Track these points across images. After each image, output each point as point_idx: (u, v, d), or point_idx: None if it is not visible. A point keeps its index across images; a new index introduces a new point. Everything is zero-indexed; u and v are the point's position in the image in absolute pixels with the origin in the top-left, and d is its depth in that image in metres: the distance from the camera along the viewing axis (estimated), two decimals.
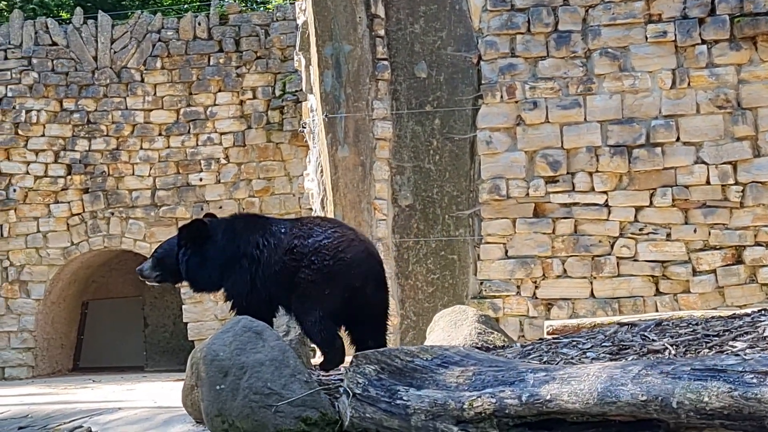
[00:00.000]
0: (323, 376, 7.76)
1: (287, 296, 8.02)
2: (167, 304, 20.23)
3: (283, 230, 8.14)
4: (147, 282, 8.63)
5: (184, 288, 17.52)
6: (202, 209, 17.48)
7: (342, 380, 7.18)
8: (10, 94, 18.31)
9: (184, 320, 17.65)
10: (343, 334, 8.21)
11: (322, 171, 13.00)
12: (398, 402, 6.29)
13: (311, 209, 15.45)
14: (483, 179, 12.67)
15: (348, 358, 7.74)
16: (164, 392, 12.70)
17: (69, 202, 18.06)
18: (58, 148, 18.18)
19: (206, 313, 17.44)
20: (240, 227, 8.29)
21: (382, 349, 6.69)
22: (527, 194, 12.59)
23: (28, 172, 18.19)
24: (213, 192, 17.58)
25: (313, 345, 8.27)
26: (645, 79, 12.42)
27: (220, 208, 17.44)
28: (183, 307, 17.59)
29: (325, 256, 7.91)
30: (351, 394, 6.49)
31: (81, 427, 9.67)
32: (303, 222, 8.27)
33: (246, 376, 6.69)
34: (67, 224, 18.08)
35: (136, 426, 9.34)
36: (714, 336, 6.87)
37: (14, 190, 18.18)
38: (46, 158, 18.18)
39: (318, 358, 8.27)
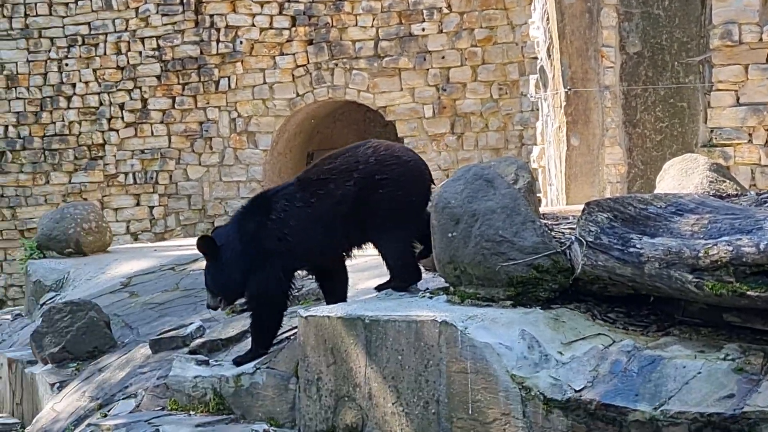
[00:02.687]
0: (552, 224, 7.74)
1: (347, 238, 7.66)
2: None
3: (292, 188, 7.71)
4: (222, 311, 8.41)
5: (407, 138, 17.64)
6: (424, 59, 17.48)
7: (573, 228, 7.16)
8: None
9: None
10: None
11: (548, 18, 12.81)
12: (631, 250, 6.24)
13: (535, 58, 15.27)
14: (714, 24, 12.28)
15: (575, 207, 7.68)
16: None
17: (294, 54, 18.26)
18: (282, 0, 18.35)
19: (430, 163, 17.22)
20: (247, 215, 7.86)
21: (615, 197, 6.63)
22: (761, 39, 12.15)
23: (253, 24, 18.44)
24: (435, 42, 17.50)
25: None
26: None
27: (443, 58, 17.39)
28: None
29: (393, 168, 7.50)
30: (583, 242, 6.47)
31: None
32: (324, 160, 7.77)
33: (477, 224, 6.73)
34: (293, 75, 18.30)
35: (366, 273, 9.52)
36: None
37: (240, 43, 18.48)
38: (271, 10, 18.37)
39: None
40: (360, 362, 6.87)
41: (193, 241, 15.88)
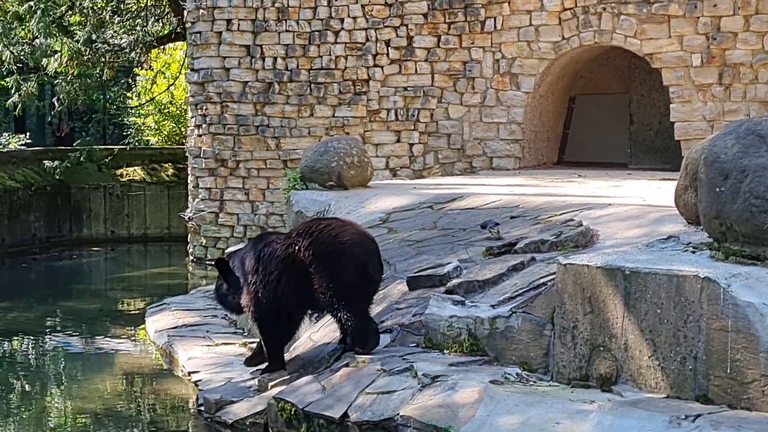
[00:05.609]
0: None
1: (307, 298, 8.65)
2: (654, 102, 19.98)
3: (279, 240, 8.90)
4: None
5: (673, 87, 17.29)
6: (695, 7, 17.02)
7: None
8: None
9: (671, 119, 17.42)
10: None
11: None
12: None
13: None
14: None
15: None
16: (651, 191, 12.73)
17: None
18: None
19: (694, 113, 17.11)
20: (247, 249, 9.16)
21: None
22: None
23: None
24: None
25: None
26: None
27: (715, 6, 16.88)
28: (671, 106, 17.35)
29: (325, 243, 8.49)
30: None
31: (572, 220, 9.89)
32: (303, 226, 9.01)
33: (747, 180, 6.58)
34: (559, 18, 18.09)
35: (626, 222, 9.45)
36: None
37: None
38: None
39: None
40: (617, 313, 6.83)
41: (454, 180, 16.10)
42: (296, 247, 8.60)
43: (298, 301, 8.73)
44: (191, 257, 21.34)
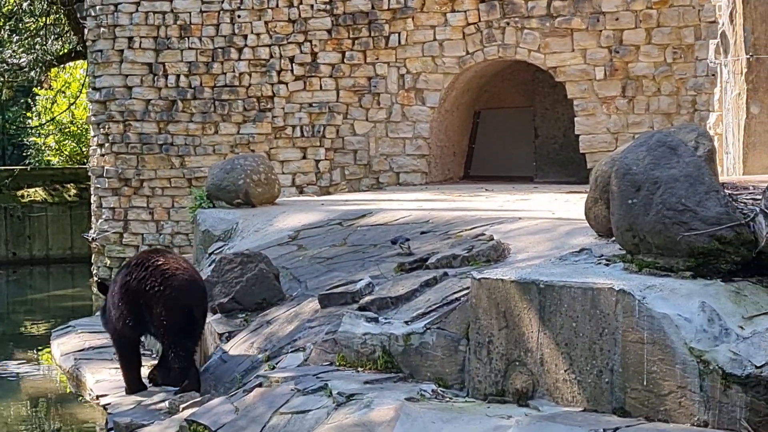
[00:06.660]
0: (733, 194, 7.52)
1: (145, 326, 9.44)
2: (558, 115, 20.10)
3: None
4: None
5: (577, 100, 17.41)
6: (598, 20, 17.17)
7: (756, 199, 6.97)
8: None
9: (576, 132, 17.53)
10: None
11: None
12: None
13: (712, 22, 14.91)
14: None
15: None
16: (558, 204, 12.77)
17: (465, 12, 18.09)
18: None
19: (598, 126, 17.23)
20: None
21: None
22: None
23: None
24: (609, 3, 17.12)
25: None
26: None
27: (617, 19, 17.05)
28: (575, 119, 17.46)
29: (156, 280, 9.09)
30: None
31: (483, 234, 9.87)
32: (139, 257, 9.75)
33: (659, 192, 6.59)
34: (463, 33, 18.14)
35: (537, 236, 9.44)
36: None
37: None
38: None
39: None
40: (533, 327, 6.80)
41: (362, 196, 16.02)
42: (132, 277, 9.21)
43: (143, 328, 9.44)
44: (95, 278, 21.03)
